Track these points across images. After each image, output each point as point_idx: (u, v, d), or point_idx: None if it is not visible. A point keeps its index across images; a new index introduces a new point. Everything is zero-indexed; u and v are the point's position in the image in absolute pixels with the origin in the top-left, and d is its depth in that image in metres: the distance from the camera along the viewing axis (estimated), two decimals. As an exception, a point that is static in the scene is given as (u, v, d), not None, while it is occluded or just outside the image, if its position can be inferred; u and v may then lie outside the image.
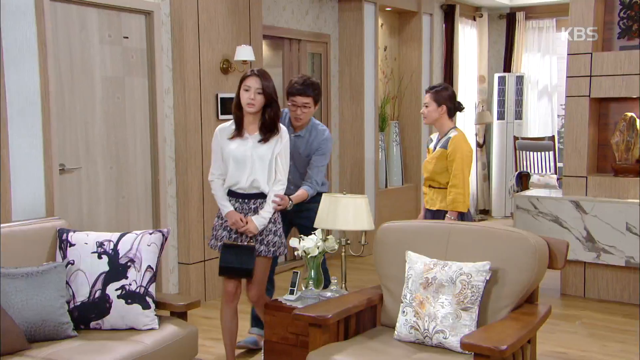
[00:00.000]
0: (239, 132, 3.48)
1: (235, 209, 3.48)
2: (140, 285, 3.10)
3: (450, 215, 3.93)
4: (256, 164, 3.44)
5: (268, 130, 3.46)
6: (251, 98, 3.40)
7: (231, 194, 3.52)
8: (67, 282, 3.07)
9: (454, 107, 4.11)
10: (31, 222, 3.33)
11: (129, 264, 3.12)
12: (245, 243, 3.48)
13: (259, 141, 3.45)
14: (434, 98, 4.06)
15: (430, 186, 4.14)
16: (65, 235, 3.19)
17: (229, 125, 3.54)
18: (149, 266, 3.14)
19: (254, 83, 3.42)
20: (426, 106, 4.11)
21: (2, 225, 3.24)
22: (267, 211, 3.50)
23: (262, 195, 3.50)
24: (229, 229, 3.53)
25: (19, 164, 3.89)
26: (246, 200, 3.49)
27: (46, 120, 4.01)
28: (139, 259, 3.13)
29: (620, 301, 5.13)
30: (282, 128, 3.53)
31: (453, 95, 4.13)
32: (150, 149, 4.88)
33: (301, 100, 3.85)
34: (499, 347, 2.47)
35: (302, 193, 3.86)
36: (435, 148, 4.12)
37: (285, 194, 3.62)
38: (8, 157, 3.80)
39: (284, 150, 3.51)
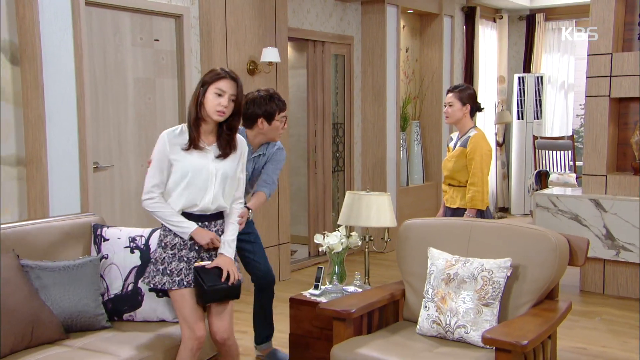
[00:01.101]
0: (196, 142, 2.80)
1: None
2: None
3: (469, 212, 3.91)
4: (221, 181, 2.83)
5: (227, 144, 2.84)
6: (224, 105, 2.75)
7: (185, 217, 2.83)
8: (101, 276, 3.10)
9: (475, 107, 4.08)
10: (67, 217, 3.37)
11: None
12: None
13: (217, 156, 2.83)
14: (458, 97, 4.03)
15: (450, 184, 4.12)
16: (99, 230, 3.23)
17: (178, 131, 2.82)
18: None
19: (229, 88, 2.77)
20: (450, 105, 4.05)
21: (40, 220, 3.28)
22: (233, 236, 2.90)
23: (222, 215, 2.92)
24: (196, 247, 2.84)
25: (56, 162, 3.94)
26: (206, 223, 2.85)
27: (81, 121, 4.07)
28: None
29: (639, 298, 5.05)
30: (242, 140, 2.94)
31: (474, 95, 4.10)
32: (179, 148, 4.91)
33: (286, 113, 3.61)
34: (520, 342, 2.45)
35: (260, 196, 3.49)
36: (455, 147, 4.10)
37: None
38: (46, 156, 3.86)
39: (244, 164, 2.97)
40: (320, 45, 6.33)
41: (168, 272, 2.79)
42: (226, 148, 2.83)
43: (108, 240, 3.19)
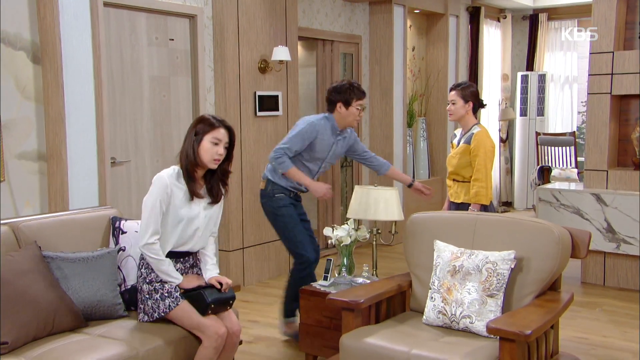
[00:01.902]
0: (196, 192, 2.83)
1: (178, 270, 2.88)
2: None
3: (473, 207, 3.89)
4: (207, 227, 2.93)
5: (219, 189, 2.90)
6: (220, 154, 2.80)
7: (169, 254, 2.86)
8: (118, 267, 3.12)
9: (477, 104, 4.06)
10: (86, 210, 3.39)
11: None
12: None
13: (209, 203, 2.89)
14: (460, 95, 3.99)
15: (454, 180, 4.10)
16: (117, 223, 3.24)
17: (176, 175, 2.82)
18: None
19: (224, 136, 2.81)
20: (453, 103, 4.00)
21: (60, 213, 3.31)
22: (214, 260, 3.02)
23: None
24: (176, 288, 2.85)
25: (75, 158, 3.96)
26: (187, 258, 2.94)
27: (99, 117, 4.09)
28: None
29: (639, 289, 5.03)
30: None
31: (477, 93, 4.08)
32: (193, 144, 4.92)
33: (364, 103, 3.88)
34: (524, 332, 2.44)
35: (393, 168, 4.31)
36: (459, 143, 4.08)
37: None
38: (66, 151, 3.88)
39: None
40: (329, 44, 6.32)
41: (165, 295, 2.82)
42: (218, 194, 2.90)
43: (126, 232, 3.21)
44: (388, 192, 3.55)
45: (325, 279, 3.54)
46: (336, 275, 3.60)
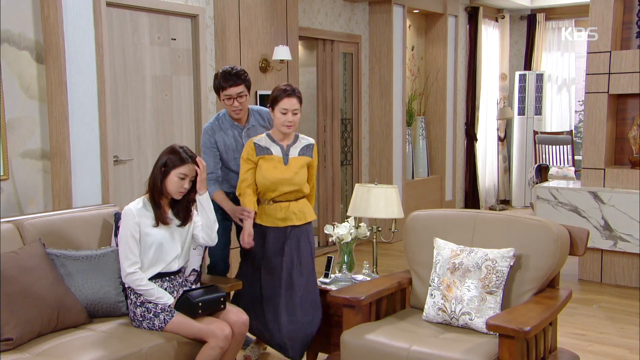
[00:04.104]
0: (163, 218, 2.90)
1: (166, 289, 2.90)
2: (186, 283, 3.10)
3: None
4: (184, 247, 2.99)
5: (186, 215, 2.97)
6: (185, 187, 2.90)
7: (156, 275, 2.91)
8: (122, 264, 3.11)
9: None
10: (89, 208, 3.39)
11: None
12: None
13: (179, 225, 2.96)
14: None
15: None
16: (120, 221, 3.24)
17: (141, 206, 2.90)
18: (194, 270, 3.14)
19: (191, 171, 2.90)
20: (295, 114, 3.27)
21: (64, 211, 3.31)
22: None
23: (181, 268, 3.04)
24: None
25: (78, 156, 3.96)
26: (173, 277, 2.97)
27: (102, 116, 4.08)
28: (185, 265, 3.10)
29: (636, 286, 5.04)
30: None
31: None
32: (195, 143, 4.92)
33: (235, 91, 3.40)
34: (523, 329, 2.44)
35: None
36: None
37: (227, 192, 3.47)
38: (69, 150, 3.87)
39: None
40: (329, 44, 6.32)
41: (159, 312, 2.82)
42: (185, 218, 2.98)
43: (129, 230, 3.19)
44: (388, 190, 3.55)
45: (326, 276, 3.54)
46: (337, 272, 3.59)
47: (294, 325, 3.26)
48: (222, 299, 2.91)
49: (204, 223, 3.03)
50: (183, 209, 2.97)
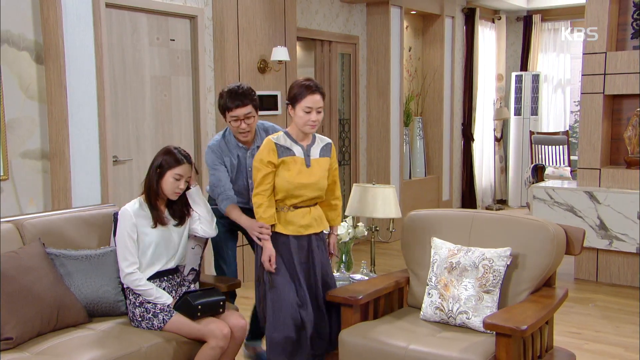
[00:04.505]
0: (160, 219, 2.89)
1: (164, 289, 2.90)
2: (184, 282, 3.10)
3: None
4: (182, 246, 2.99)
5: (182, 213, 2.97)
6: (181, 188, 2.90)
7: (153, 276, 2.89)
8: (121, 264, 3.11)
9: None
10: (89, 208, 3.38)
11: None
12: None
13: (175, 225, 2.95)
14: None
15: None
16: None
17: (138, 206, 2.89)
18: (192, 269, 3.14)
19: (186, 172, 2.90)
20: (319, 111, 2.92)
21: (64, 211, 3.30)
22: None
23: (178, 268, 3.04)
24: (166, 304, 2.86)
25: (78, 156, 3.95)
26: (171, 276, 2.96)
27: (102, 117, 4.07)
28: (182, 264, 3.10)
29: (631, 285, 5.05)
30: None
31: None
32: (193, 143, 4.92)
33: (242, 112, 3.14)
34: (519, 327, 2.45)
35: None
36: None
37: (245, 204, 3.22)
38: (69, 150, 3.87)
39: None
40: (327, 45, 6.32)
41: (158, 312, 2.82)
42: (182, 217, 2.97)
43: (128, 230, 3.19)
44: (386, 190, 3.55)
45: (324, 275, 3.53)
46: (335, 271, 3.59)
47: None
48: (221, 302, 2.90)
49: (201, 215, 3.03)
50: (179, 209, 2.97)
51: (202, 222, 3.05)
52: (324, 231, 3.07)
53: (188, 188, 2.99)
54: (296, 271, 2.92)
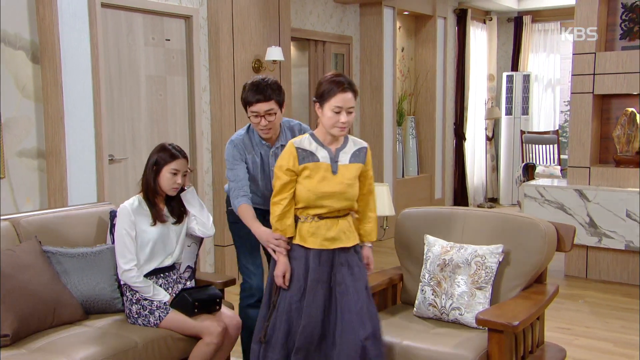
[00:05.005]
0: (159, 216, 2.88)
1: (160, 286, 2.88)
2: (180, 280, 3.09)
3: None
4: (179, 244, 2.98)
5: (180, 211, 2.96)
6: (178, 182, 2.88)
7: (150, 273, 2.89)
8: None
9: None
10: (85, 206, 3.37)
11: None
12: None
13: (174, 223, 2.94)
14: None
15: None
16: (115, 219, 3.21)
17: (137, 204, 2.88)
18: (188, 266, 3.12)
19: (182, 166, 2.88)
20: (349, 112, 2.53)
21: (60, 209, 3.28)
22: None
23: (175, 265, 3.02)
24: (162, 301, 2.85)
25: (74, 155, 3.93)
26: (167, 273, 2.95)
27: (97, 116, 4.06)
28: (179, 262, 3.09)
29: (620, 282, 5.08)
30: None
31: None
32: (188, 141, 4.91)
33: (263, 108, 2.88)
34: (511, 323, 2.45)
35: None
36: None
37: (262, 205, 3.00)
38: (65, 149, 3.85)
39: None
40: (321, 45, 6.31)
41: (154, 309, 2.81)
42: (180, 215, 2.96)
43: (124, 228, 3.18)
44: (379, 188, 3.55)
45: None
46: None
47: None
48: (218, 299, 2.89)
49: (197, 216, 3.02)
50: (178, 207, 2.97)
51: (198, 222, 3.03)
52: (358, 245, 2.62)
53: (183, 189, 2.97)
54: (311, 292, 2.51)
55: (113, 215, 3.23)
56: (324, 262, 2.53)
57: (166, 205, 2.95)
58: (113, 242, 3.10)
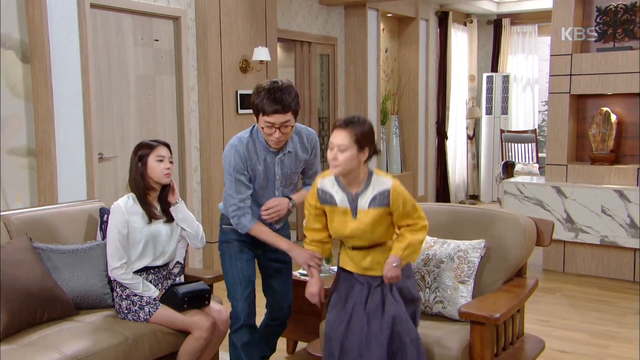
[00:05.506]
0: (153, 214, 2.83)
1: (150, 281, 2.84)
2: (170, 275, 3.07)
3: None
4: (172, 241, 2.92)
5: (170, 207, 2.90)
6: (168, 167, 2.81)
7: (140, 269, 2.84)
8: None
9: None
10: (75, 203, 3.33)
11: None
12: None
13: (165, 222, 2.88)
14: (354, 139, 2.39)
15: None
16: (105, 216, 3.18)
17: (131, 202, 2.82)
18: (178, 262, 3.10)
19: (166, 152, 2.83)
20: (341, 150, 2.37)
21: (50, 206, 3.25)
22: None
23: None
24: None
25: (64, 153, 3.89)
26: (157, 269, 2.90)
27: (87, 115, 4.02)
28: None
29: (595, 275, 5.13)
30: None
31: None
32: (177, 140, 4.88)
33: (279, 120, 2.56)
34: (493, 316, 2.47)
35: (305, 193, 2.81)
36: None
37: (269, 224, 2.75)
38: (55, 147, 3.81)
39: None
40: (307, 46, 6.30)
41: (144, 304, 2.78)
42: (171, 214, 2.90)
43: (114, 224, 3.15)
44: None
45: (306, 267, 3.51)
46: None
47: None
48: (207, 294, 2.87)
49: (189, 231, 2.97)
50: (168, 205, 2.93)
51: (189, 236, 2.99)
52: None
53: (169, 205, 2.89)
54: (353, 312, 2.45)
55: (103, 212, 3.21)
56: (363, 286, 2.49)
57: (159, 204, 2.90)
58: (103, 239, 3.08)
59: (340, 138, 2.35)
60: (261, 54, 5.10)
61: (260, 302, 3.00)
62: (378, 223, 2.41)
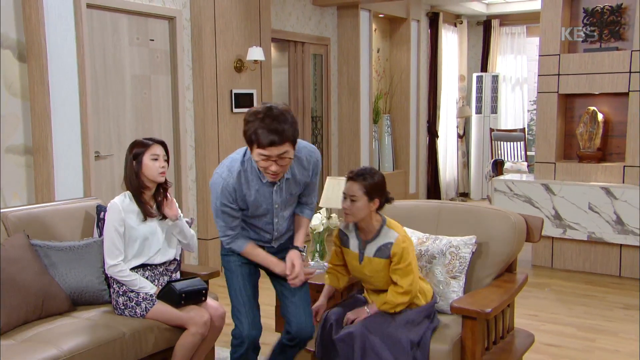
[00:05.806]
0: (149, 212, 2.81)
1: (147, 278, 2.83)
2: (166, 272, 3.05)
3: None
4: (166, 239, 2.90)
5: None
6: (162, 166, 2.78)
7: (138, 265, 2.84)
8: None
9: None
10: (71, 201, 3.32)
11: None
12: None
13: (160, 219, 2.86)
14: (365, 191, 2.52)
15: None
16: (102, 213, 3.17)
17: (128, 200, 2.80)
18: (174, 259, 3.08)
19: (160, 150, 2.81)
20: (353, 200, 2.52)
21: (47, 204, 3.22)
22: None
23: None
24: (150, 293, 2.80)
25: (60, 152, 3.87)
26: (154, 266, 2.88)
27: (83, 113, 3.99)
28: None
29: (583, 270, 5.16)
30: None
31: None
32: (173, 139, 4.86)
33: (275, 152, 2.26)
34: (484, 310, 2.48)
35: (306, 223, 2.66)
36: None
37: (267, 242, 2.59)
38: (51, 146, 3.79)
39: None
40: (300, 46, 6.30)
41: (140, 300, 2.77)
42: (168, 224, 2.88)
43: (111, 222, 3.14)
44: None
45: (300, 264, 3.50)
46: (310, 260, 3.59)
47: None
48: (203, 290, 2.87)
49: (183, 241, 2.96)
50: (163, 202, 2.91)
51: (181, 243, 2.99)
52: None
53: (164, 217, 2.86)
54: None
55: (99, 209, 3.19)
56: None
57: (155, 203, 2.89)
58: (100, 236, 3.07)
59: (351, 189, 2.53)
60: (255, 53, 5.09)
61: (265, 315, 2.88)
62: (380, 272, 2.57)
